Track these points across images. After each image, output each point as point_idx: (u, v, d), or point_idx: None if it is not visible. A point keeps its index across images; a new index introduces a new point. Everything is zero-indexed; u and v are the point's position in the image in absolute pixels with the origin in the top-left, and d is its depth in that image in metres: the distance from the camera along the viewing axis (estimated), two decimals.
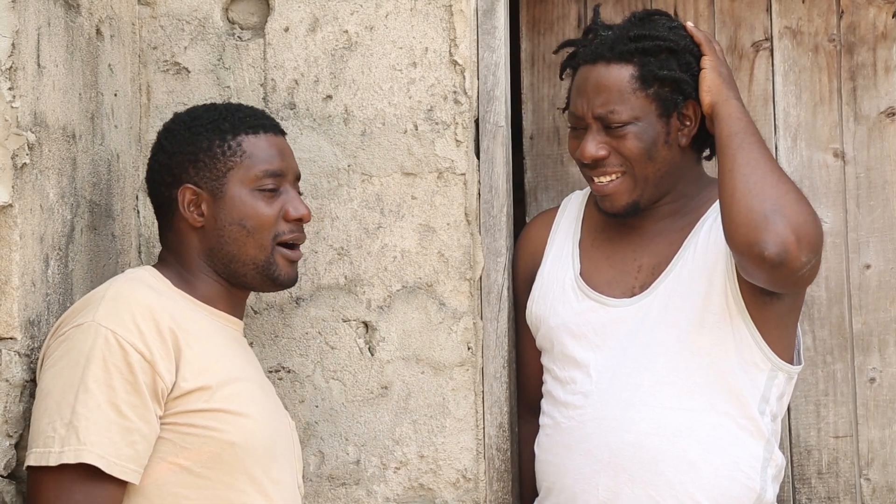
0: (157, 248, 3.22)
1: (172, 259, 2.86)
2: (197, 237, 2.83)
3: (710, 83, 3.04)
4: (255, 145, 2.84)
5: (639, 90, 3.04)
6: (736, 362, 3.01)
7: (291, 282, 2.88)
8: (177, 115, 2.94)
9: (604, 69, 3.06)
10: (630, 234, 3.15)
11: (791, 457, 3.40)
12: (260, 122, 2.88)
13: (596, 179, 3.08)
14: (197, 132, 2.85)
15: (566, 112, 3.16)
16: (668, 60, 3.05)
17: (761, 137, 2.99)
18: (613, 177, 3.07)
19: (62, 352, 2.63)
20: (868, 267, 3.41)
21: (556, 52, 3.27)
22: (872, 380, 3.40)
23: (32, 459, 2.59)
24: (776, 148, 3.43)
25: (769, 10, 3.48)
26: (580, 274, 3.16)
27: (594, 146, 3.05)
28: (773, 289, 2.95)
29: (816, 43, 3.46)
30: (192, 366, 2.67)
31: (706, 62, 3.06)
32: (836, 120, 3.44)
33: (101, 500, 2.58)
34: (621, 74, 3.04)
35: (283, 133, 2.92)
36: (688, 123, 3.08)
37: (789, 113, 3.46)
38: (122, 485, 2.60)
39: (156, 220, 2.93)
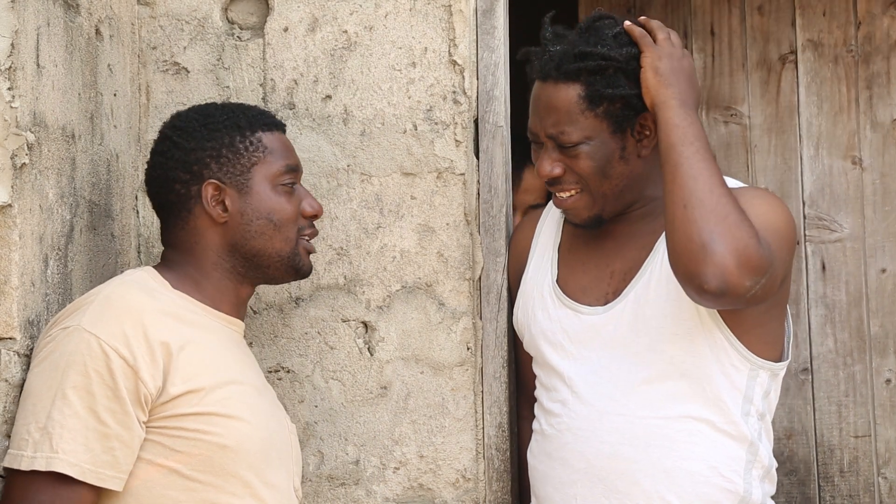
0: (157, 249, 3.22)
1: (181, 258, 2.83)
2: (218, 233, 2.82)
3: (646, 84, 2.95)
4: (273, 142, 2.87)
5: (587, 110, 2.97)
6: (712, 366, 2.97)
7: (310, 271, 2.92)
8: (184, 114, 2.92)
9: (552, 88, 2.98)
10: (604, 239, 3.11)
11: (816, 455, 3.43)
12: (272, 120, 2.91)
13: (556, 194, 3.04)
14: (215, 128, 2.84)
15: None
16: (615, 77, 2.96)
17: (703, 143, 2.90)
18: (572, 192, 3.02)
19: (46, 353, 2.63)
20: (884, 271, 3.44)
21: (518, 58, 3.15)
22: (888, 381, 3.42)
23: (6, 460, 2.59)
24: (801, 157, 3.48)
25: (794, 23, 3.52)
26: (557, 280, 3.14)
27: (549, 165, 3.00)
28: (722, 309, 2.92)
29: (836, 54, 3.50)
30: (184, 370, 2.66)
31: (644, 60, 2.96)
32: (854, 128, 3.48)
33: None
34: (568, 95, 2.97)
35: (286, 130, 2.97)
36: (647, 134, 3.00)
37: (812, 123, 3.50)
38: (96, 490, 2.60)
39: (158, 221, 2.91)
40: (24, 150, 2.64)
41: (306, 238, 2.89)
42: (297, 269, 2.88)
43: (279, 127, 2.91)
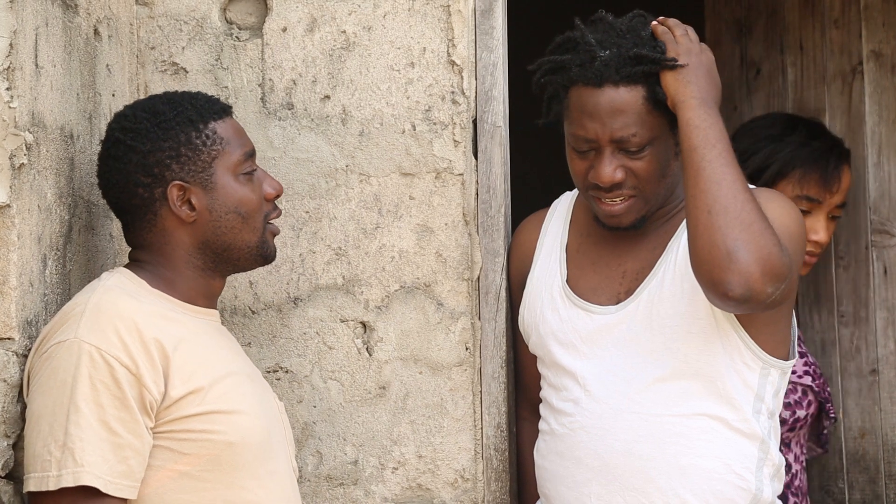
0: None
1: (151, 259, 2.80)
2: (187, 233, 2.79)
3: (665, 83, 2.96)
4: (227, 130, 2.82)
5: (654, 111, 2.97)
6: (725, 364, 2.99)
7: (275, 255, 2.90)
8: (130, 114, 2.82)
9: (613, 93, 2.96)
10: (615, 239, 3.11)
11: (882, 455, 3.48)
12: (220, 106, 2.85)
13: (608, 201, 3.02)
14: (167, 126, 2.78)
15: (568, 134, 3.04)
16: None
17: (726, 145, 2.90)
18: (625, 197, 3.01)
19: (48, 372, 2.61)
20: None
21: (530, 68, 3.10)
22: None
23: (32, 485, 2.58)
24: (867, 166, 3.57)
25: (860, 35, 3.59)
26: (567, 280, 3.14)
27: (612, 170, 2.97)
28: (741, 313, 2.94)
29: (894, 63, 3.58)
30: (181, 371, 2.65)
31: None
32: None
33: None
34: (634, 97, 2.96)
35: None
36: None
37: (874, 131, 3.59)
38: (121, 502, 2.60)
39: (120, 224, 2.86)
40: (23, 150, 2.64)
41: (272, 221, 2.87)
42: (265, 256, 2.86)
43: (227, 112, 2.85)
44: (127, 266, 2.82)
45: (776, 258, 2.83)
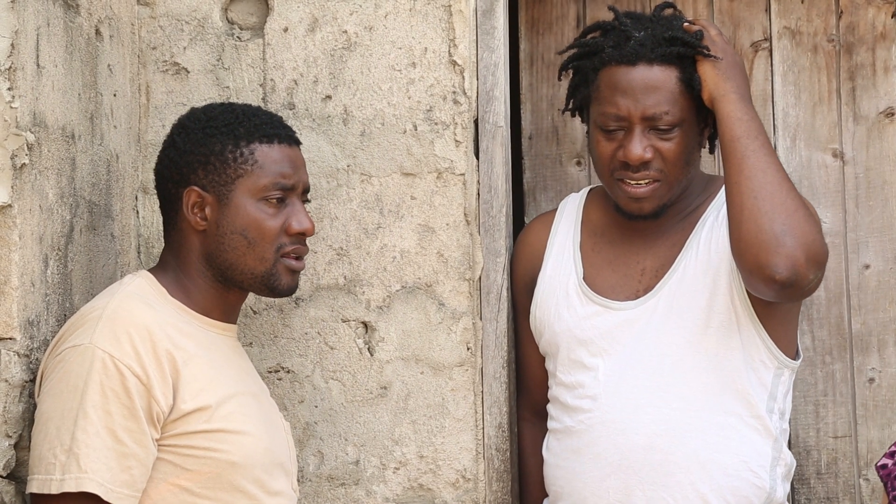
0: (157, 249, 3.22)
1: (173, 260, 2.83)
2: (198, 240, 2.80)
3: (705, 77, 3.00)
4: (268, 155, 2.80)
5: (686, 92, 3.01)
6: (743, 361, 3.01)
7: (290, 291, 2.85)
8: (193, 112, 2.88)
9: (647, 71, 3.00)
10: (632, 237, 3.13)
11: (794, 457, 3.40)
12: (276, 130, 2.83)
13: (633, 183, 3.03)
14: (211, 133, 2.80)
15: (597, 114, 3.06)
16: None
17: (766, 138, 2.96)
18: (650, 180, 3.02)
19: (59, 374, 2.61)
20: (867, 267, 3.42)
21: (562, 53, 3.17)
22: (871, 380, 3.40)
23: (35, 486, 2.59)
24: (776, 148, 3.43)
25: (768, 10, 3.48)
26: (584, 278, 3.15)
27: (641, 148, 2.99)
28: (777, 301, 2.96)
29: (815, 43, 3.46)
30: (191, 386, 2.66)
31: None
32: (836, 120, 3.44)
33: None
34: (668, 77, 3.00)
35: (297, 143, 2.87)
36: (710, 122, 3.07)
37: (788, 113, 3.46)
38: None
39: (157, 222, 2.91)
40: (24, 150, 2.64)
41: (292, 256, 2.82)
42: (272, 288, 2.82)
43: (283, 139, 2.83)
44: (153, 269, 2.84)
45: (819, 245, 2.90)
